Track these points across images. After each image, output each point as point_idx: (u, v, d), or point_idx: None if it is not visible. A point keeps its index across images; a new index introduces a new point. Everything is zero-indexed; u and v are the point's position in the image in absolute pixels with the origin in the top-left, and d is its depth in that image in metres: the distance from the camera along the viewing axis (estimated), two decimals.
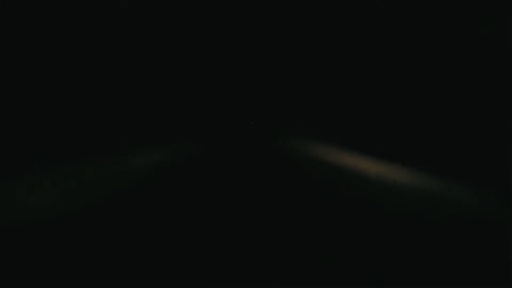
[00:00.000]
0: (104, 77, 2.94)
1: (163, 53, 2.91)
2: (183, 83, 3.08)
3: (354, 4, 2.51)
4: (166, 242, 2.14)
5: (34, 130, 2.66)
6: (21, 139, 2.55)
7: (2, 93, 2.50)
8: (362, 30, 2.63)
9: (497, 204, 2.05)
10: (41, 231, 2.16)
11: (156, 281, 1.76)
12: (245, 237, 2.22)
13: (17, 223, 2.15)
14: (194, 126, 3.46)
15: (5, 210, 2.25)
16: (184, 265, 1.91)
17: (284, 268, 1.87)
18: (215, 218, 2.49)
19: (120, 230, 2.23)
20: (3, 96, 2.52)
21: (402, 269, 1.78)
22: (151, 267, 1.87)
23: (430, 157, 2.64)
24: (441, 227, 2.20)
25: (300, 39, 2.78)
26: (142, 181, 2.95)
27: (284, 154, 3.26)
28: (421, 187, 2.54)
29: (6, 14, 2.33)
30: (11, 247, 1.95)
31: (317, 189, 2.92)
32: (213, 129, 3.49)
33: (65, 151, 2.64)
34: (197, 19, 2.83)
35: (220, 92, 3.02)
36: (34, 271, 1.79)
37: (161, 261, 1.94)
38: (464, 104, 2.51)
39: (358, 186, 2.88)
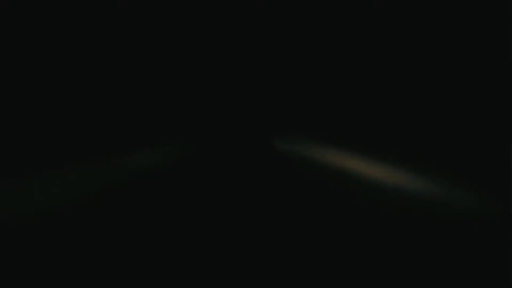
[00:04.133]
0: (100, 77, 2.96)
1: (157, 53, 2.93)
2: (178, 82, 3.10)
3: (347, 6, 2.52)
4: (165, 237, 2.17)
5: (31, 130, 2.67)
6: (19, 139, 2.56)
7: (3, 94, 2.51)
8: (358, 30, 2.64)
9: (498, 206, 2.05)
10: (44, 226, 2.18)
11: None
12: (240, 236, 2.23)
13: (23, 218, 2.18)
14: (189, 124, 3.47)
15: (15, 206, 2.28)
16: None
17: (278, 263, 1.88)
18: (210, 217, 2.49)
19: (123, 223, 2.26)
20: (4, 97, 2.53)
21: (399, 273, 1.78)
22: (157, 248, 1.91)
23: (428, 158, 2.64)
24: (439, 230, 2.20)
25: (297, 36, 2.79)
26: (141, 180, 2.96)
27: (284, 159, 3.25)
28: (419, 189, 2.53)
29: (6, 14, 2.33)
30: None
31: (315, 192, 2.92)
32: (208, 127, 3.49)
33: (56, 152, 2.65)
34: (197, 19, 2.84)
35: (215, 89, 3.03)
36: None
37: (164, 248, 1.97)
38: (464, 103, 2.51)
39: (360, 191, 2.87)
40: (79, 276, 1.74)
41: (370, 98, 3.14)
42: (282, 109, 3.41)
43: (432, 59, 2.69)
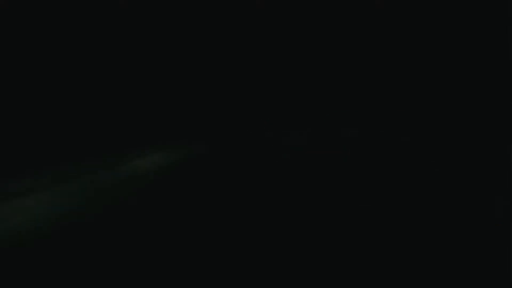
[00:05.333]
0: (111, 79, 2.95)
1: (165, 54, 2.91)
2: (187, 84, 3.09)
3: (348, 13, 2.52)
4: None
5: (44, 131, 2.67)
6: (28, 140, 2.56)
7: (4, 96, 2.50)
8: (360, 35, 2.64)
9: (498, 206, 2.04)
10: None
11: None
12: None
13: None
14: (200, 126, 3.50)
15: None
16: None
17: None
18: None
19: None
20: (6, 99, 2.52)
21: None
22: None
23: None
24: None
25: (296, 36, 2.78)
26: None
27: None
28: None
29: (7, 14, 2.33)
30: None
31: None
32: (208, 125, 3.52)
33: (57, 153, 2.64)
34: (197, 19, 2.83)
35: (226, 92, 3.03)
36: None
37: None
38: (463, 102, 2.52)
39: None
40: (82, 274, 1.73)
41: (370, 97, 3.13)
42: (280, 106, 3.38)
43: (432, 59, 2.69)
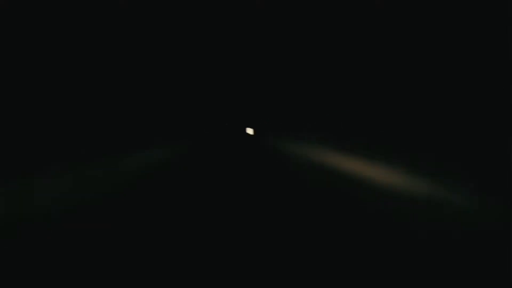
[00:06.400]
0: (101, 78, 2.97)
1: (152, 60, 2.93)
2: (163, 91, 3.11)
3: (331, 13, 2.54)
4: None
5: (44, 131, 2.68)
6: (35, 140, 2.57)
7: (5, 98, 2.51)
8: (341, 33, 2.65)
9: (498, 206, 2.04)
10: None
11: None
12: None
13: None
14: (177, 128, 3.54)
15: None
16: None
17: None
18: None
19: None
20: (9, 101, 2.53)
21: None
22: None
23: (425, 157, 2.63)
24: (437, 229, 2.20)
25: (279, 43, 2.80)
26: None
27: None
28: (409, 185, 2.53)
29: (8, 15, 2.34)
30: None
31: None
32: (195, 133, 3.59)
33: (58, 153, 2.66)
34: (198, 19, 2.84)
35: (202, 97, 3.07)
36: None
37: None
38: (463, 103, 2.52)
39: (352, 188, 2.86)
40: (79, 271, 1.74)
41: (369, 98, 3.14)
42: (280, 110, 3.39)
43: (432, 59, 2.69)
